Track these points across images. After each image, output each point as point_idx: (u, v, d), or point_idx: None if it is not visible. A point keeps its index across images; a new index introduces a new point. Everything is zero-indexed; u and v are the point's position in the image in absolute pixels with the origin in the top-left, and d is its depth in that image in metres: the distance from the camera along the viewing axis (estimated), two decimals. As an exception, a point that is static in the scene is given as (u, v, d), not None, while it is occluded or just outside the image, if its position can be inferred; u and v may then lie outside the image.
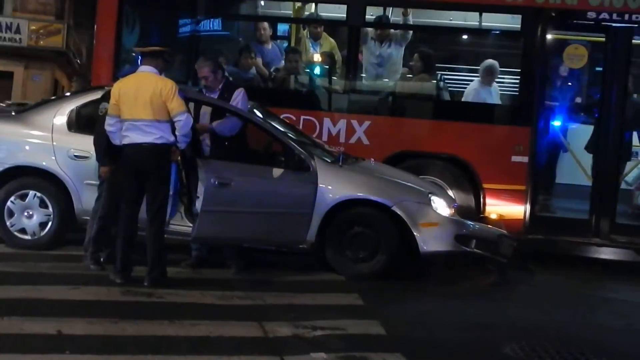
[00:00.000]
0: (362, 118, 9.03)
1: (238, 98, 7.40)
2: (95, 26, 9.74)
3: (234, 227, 6.99)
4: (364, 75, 9.59)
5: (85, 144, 7.30)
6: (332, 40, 9.82)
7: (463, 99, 9.34)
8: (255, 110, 7.77)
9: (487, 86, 9.19)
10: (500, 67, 9.39)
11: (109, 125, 6.63)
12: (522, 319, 6.47)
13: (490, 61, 9.24)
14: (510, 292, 7.56)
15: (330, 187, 7.26)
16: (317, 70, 9.75)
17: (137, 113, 6.50)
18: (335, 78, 9.66)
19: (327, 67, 9.76)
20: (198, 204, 6.92)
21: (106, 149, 6.77)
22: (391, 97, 9.36)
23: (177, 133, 6.54)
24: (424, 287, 7.33)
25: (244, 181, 7.03)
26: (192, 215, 7.14)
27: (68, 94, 11.79)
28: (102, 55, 9.55)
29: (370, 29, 9.44)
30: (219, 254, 7.42)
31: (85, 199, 7.38)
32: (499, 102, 9.45)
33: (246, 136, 7.50)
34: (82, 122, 7.67)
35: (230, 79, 8.27)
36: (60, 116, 7.69)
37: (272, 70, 9.68)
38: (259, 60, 9.63)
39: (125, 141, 6.57)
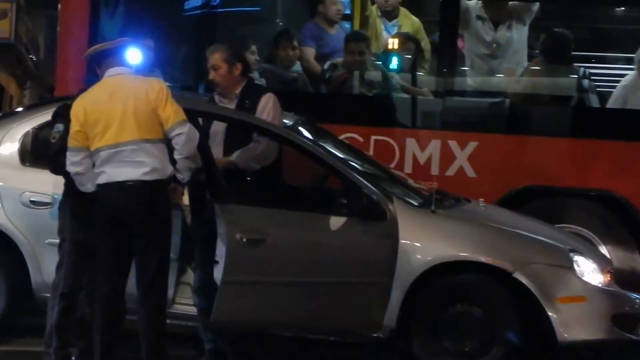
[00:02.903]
0: (465, 137, 9.10)
1: (267, 107, 7.40)
2: (59, 5, 9.92)
3: (271, 306, 7.03)
4: (467, 70, 9.63)
5: (46, 183, 7.43)
6: (415, 18, 9.89)
7: (617, 105, 9.33)
8: (300, 128, 7.86)
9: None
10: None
11: (74, 164, 6.59)
12: None
13: None
14: None
15: (418, 244, 7.28)
16: (393, 65, 9.72)
17: (118, 134, 6.45)
18: (421, 77, 9.68)
19: (410, 59, 9.73)
20: (217, 272, 6.92)
21: (69, 196, 6.82)
22: (509, 105, 9.40)
23: (176, 156, 6.48)
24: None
25: (284, 236, 7.10)
26: (207, 288, 7.15)
27: (20, 109, 11.98)
28: (70, 49, 9.62)
29: (475, 2, 9.49)
30: (246, 347, 7.40)
31: (47, 266, 7.41)
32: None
33: (282, 168, 7.56)
34: (42, 151, 7.66)
35: (256, 81, 8.33)
36: (8, 143, 7.89)
37: (325, 67, 9.72)
38: (310, 51, 9.68)
39: (100, 180, 6.52)
